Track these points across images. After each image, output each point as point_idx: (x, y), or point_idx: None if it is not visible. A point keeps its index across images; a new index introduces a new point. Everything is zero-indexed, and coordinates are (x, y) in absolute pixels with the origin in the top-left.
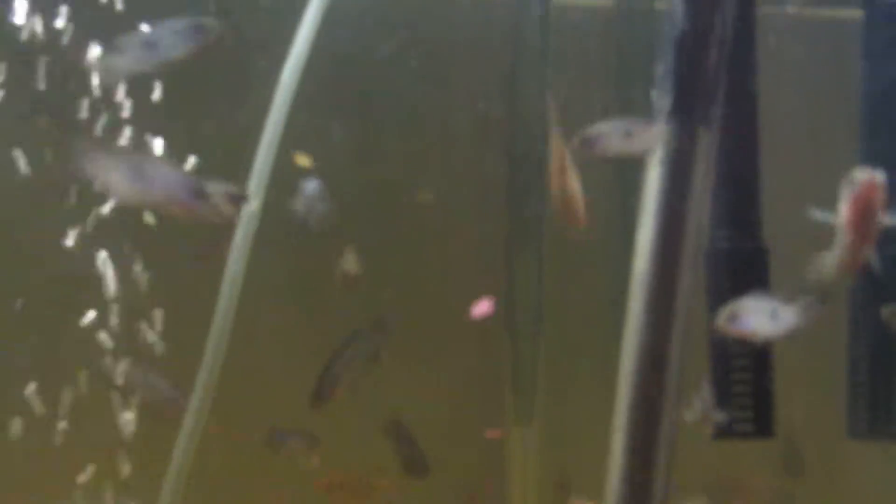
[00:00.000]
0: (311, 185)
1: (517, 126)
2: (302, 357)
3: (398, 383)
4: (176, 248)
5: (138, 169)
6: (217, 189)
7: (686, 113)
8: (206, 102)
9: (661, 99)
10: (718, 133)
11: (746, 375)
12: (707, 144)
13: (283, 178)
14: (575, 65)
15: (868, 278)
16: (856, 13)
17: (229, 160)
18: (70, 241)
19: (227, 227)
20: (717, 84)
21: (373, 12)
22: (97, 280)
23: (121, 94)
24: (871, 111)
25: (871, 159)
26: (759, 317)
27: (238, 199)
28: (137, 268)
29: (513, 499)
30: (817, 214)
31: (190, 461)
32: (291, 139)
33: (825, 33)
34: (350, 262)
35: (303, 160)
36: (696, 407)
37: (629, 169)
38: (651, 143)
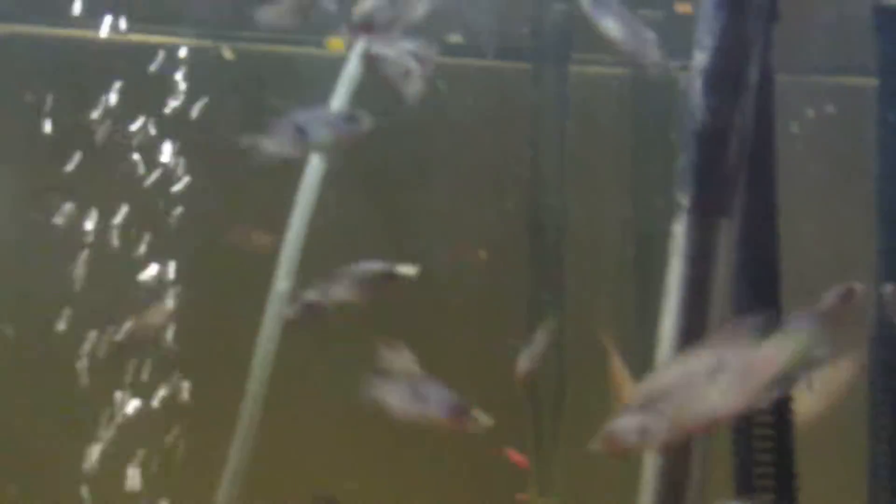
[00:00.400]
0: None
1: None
2: None
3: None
4: None
5: (415, 390)
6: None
7: (708, 207)
8: None
9: (683, 194)
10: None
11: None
12: (729, 236)
13: None
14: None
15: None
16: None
17: None
18: None
19: None
20: (737, 176)
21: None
22: None
23: None
24: (888, 177)
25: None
26: None
27: None
28: None
29: None
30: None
31: None
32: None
33: (841, 99)
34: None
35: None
36: None
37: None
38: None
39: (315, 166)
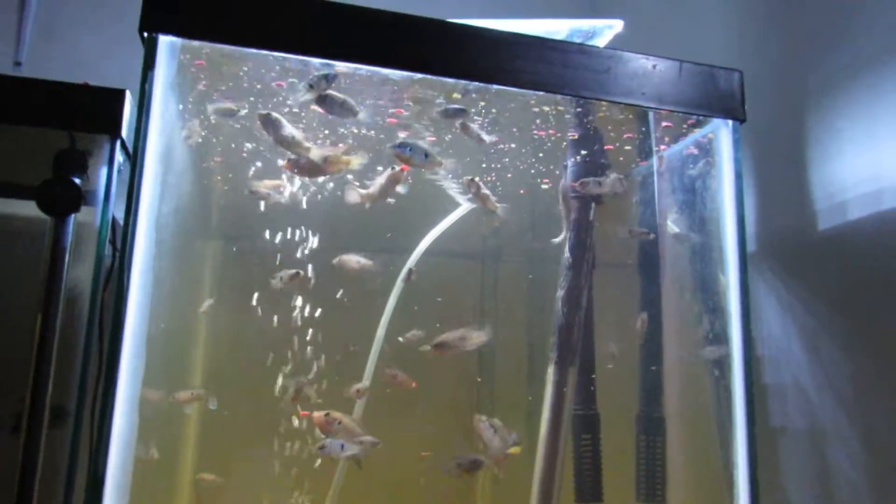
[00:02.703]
0: None
1: None
2: None
3: None
4: None
5: None
6: None
7: (563, 360)
8: None
9: (552, 350)
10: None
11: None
12: (573, 373)
13: None
14: None
15: None
16: None
17: None
18: None
19: None
20: (576, 347)
21: None
22: None
23: None
24: None
25: None
26: None
27: None
28: None
29: None
30: None
31: None
32: None
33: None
34: None
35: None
36: None
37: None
38: None
39: None
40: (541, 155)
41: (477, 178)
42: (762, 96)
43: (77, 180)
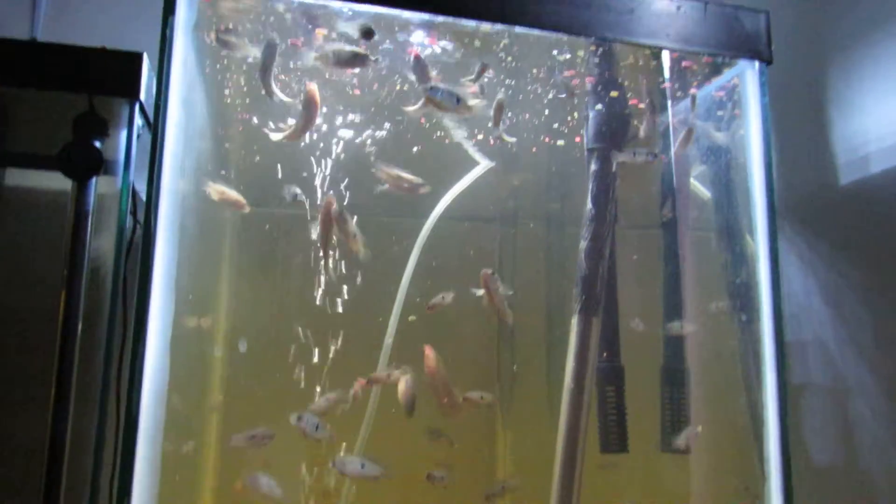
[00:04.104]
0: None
1: None
2: None
3: None
4: None
5: None
6: None
7: (587, 311)
8: None
9: (576, 301)
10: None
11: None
12: (597, 325)
13: None
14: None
15: None
16: None
17: None
18: None
19: None
20: (600, 297)
21: None
22: None
23: None
24: None
25: None
26: None
27: None
28: None
29: None
30: None
31: None
32: None
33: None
34: None
35: None
36: None
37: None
38: None
39: None
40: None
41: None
42: (782, 52)
43: (97, 144)
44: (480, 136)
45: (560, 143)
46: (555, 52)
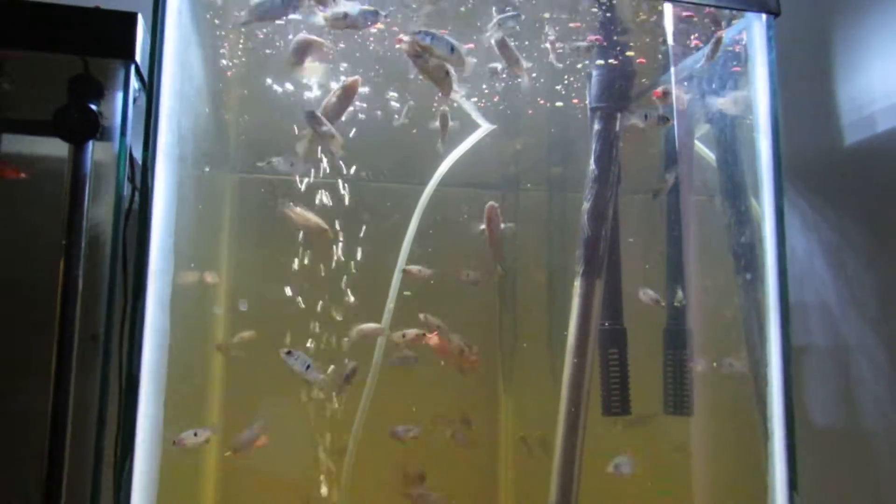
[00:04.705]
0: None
1: None
2: None
3: None
4: None
5: None
6: None
7: (590, 274)
8: None
9: (579, 266)
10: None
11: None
12: (600, 287)
13: None
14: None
15: None
16: None
17: None
18: None
19: None
20: (603, 259)
21: None
22: None
23: None
24: None
25: None
26: None
27: None
28: None
29: None
30: None
31: None
32: None
33: None
34: None
35: None
36: None
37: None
38: None
39: None
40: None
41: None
42: (787, 10)
43: (93, 107)
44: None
45: (559, 104)
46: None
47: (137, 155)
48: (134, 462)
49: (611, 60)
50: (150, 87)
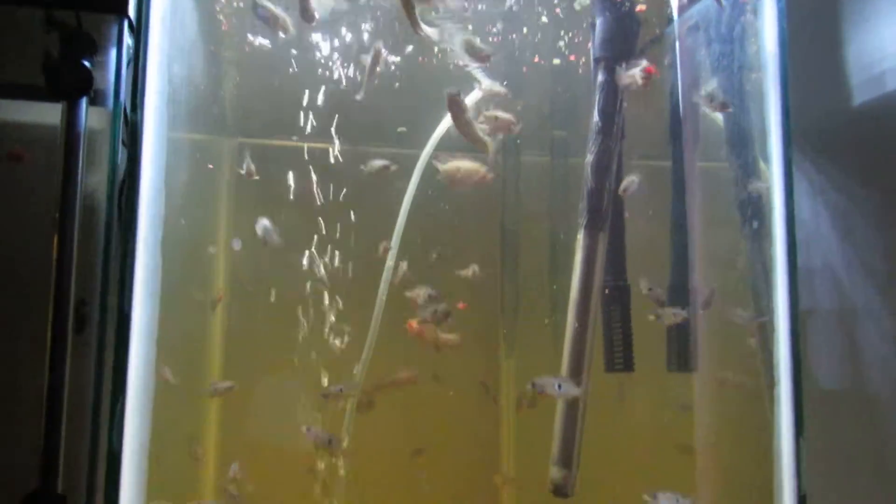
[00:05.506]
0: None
1: None
2: None
3: None
4: None
5: None
6: None
7: (593, 226)
8: None
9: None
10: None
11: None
12: (604, 241)
13: None
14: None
15: None
16: None
17: None
18: None
19: None
20: (607, 212)
21: None
22: None
23: None
24: None
25: None
26: None
27: None
28: None
29: None
30: None
31: None
32: None
33: None
34: None
35: None
36: None
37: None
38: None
39: None
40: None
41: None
42: None
43: (87, 63)
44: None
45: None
46: None
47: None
48: (126, 400)
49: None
50: (138, 41)
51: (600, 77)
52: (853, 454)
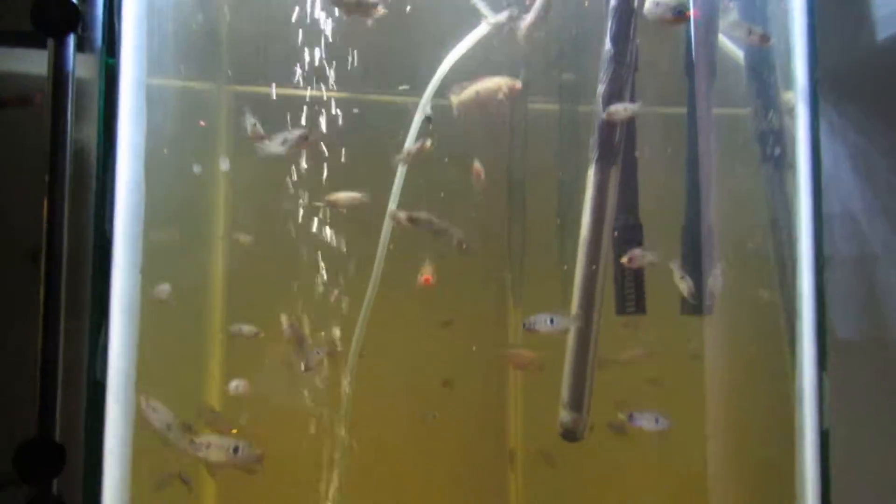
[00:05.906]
0: None
1: None
2: None
3: None
4: None
5: None
6: None
7: (604, 160)
8: None
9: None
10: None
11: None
12: (616, 175)
13: None
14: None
15: None
16: None
17: None
18: None
19: None
20: (619, 146)
21: None
22: None
23: None
24: None
25: None
26: None
27: None
28: None
29: None
30: None
31: None
32: None
33: None
34: None
35: None
36: None
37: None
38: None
39: None
40: None
41: None
42: None
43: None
44: None
45: None
46: None
47: None
48: (109, 329)
49: None
50: None
51: (612, 1)
52: (874, 401)
